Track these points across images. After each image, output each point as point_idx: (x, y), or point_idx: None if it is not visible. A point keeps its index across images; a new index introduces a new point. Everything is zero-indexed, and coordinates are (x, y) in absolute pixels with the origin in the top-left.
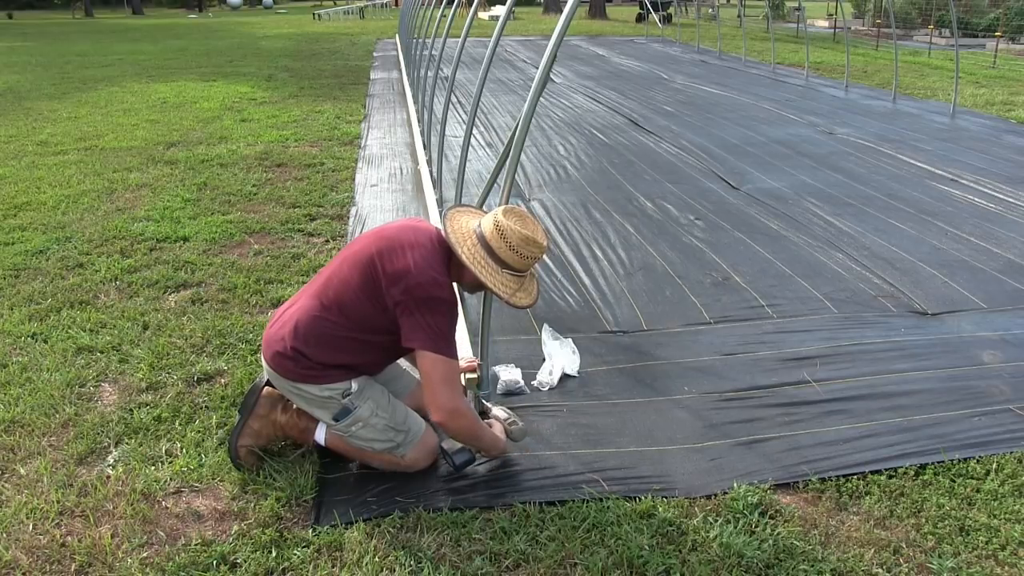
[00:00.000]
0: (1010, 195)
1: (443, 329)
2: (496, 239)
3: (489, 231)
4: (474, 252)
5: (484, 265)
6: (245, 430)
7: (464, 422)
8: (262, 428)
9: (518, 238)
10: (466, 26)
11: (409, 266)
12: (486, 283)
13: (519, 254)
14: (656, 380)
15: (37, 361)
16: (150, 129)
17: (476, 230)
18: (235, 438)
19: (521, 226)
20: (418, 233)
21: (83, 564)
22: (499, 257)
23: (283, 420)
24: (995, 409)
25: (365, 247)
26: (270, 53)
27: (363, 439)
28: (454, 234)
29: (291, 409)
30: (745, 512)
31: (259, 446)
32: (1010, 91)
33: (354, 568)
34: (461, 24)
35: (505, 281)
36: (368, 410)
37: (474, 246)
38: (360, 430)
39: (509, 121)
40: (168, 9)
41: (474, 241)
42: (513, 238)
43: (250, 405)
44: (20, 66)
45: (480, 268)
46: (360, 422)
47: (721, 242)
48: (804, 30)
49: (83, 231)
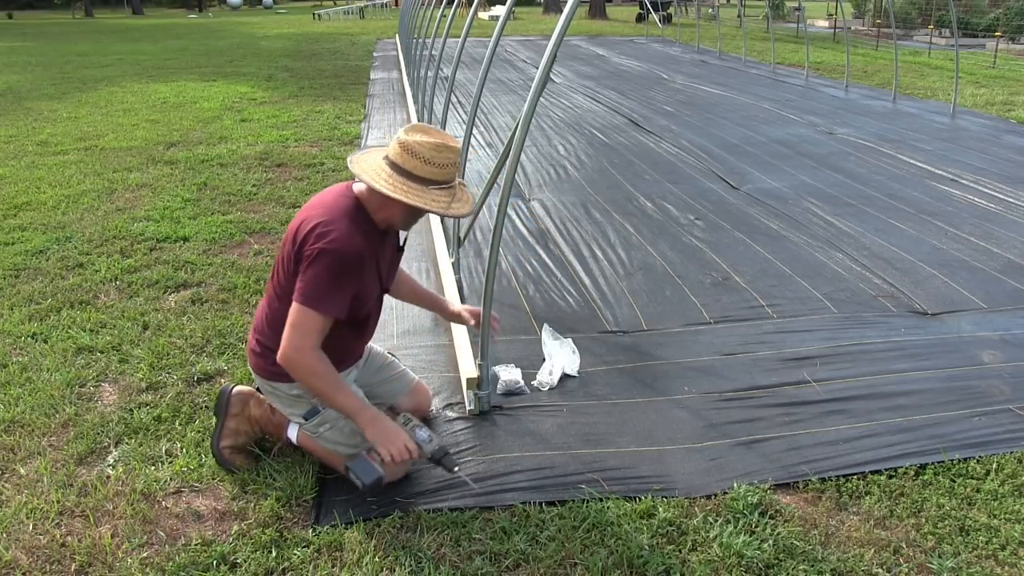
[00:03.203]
0: (1010, 195)
1: (320, 281)
2: (408, 159)
3: (398, 154)
4: (392, 181)
5: (407, 189)
6: (223, 432)
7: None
8: (239, 426)
9: (429, 149)
10: (466, 26)
11: (309, 223)
12: (417, 205)
13: (436, 164)
14: (656, 380)
15: (37, 361)
16: (150, 129)
17: (385, 160)
18: (216, 441)
19: (427, 137)
20: (330, 191)
21: (83, 564)
22: (418, 176)
23: (257, 414)
24: (995, 409)
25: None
26: (270, 53)
27: (330, 441)
28: (365, 173)
29: (263, 404)
30: (745, 512)
31: (241, 445)
32: (1010, 91)
33: (354, 568)
34: (461, 24)
35: (435, 197)
36: (334, 412)
37: (390, 176)
38: (327, 431)
39: (509, 121)
40: (168, 9)
41: (388, 171)
42: (424, 151)
43: (223, 406)
44: (20, 66)
45: (404, 193)
46: (328, 423)
47: (721, 242)
48: (804, 30)
49: (83, 231)
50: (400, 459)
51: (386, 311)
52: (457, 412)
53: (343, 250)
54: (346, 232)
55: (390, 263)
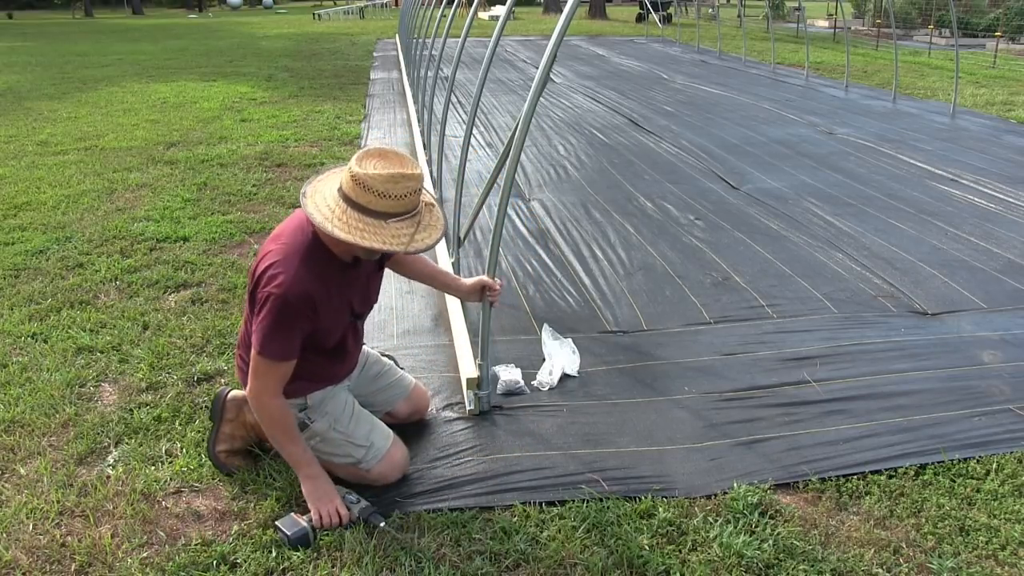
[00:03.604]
0: (1010, 195)
1: (267, 327)
2: (362, 193)
3: (351, 188)
4: (346, 219)
5: (363, 228)
6: (219, 436)
7: (263, 414)
8: (234, 431)
9: (382, 181)
10: (466, 26)
11: (263, 264)
12: (373, 247)
13: (392, 197)
14: (656, 380)
15: (37, 361)
16: (150, 129)
17: (339, 192)
18: (212, 445)
19: (384, 166)
20: (292, 220)
21: (83, 564)
22: (374, 211)
23: (252, 420)
24: (995, 409)
25: None
26: (270, 53)
27: (323, 453)
28: (318, 211)
29: None
30: (745, 512)
31: (237, 449)
32: (1010, 91)
33: (354, 568)
34: (461, 24)
35: (395, 233)
36: (325, 424)
37: (344, 212)
38: (319, 444)
39: (509, 121)
40: (168, 9)
41: (343, 207)
42: (377, 184)
43: (218, 411)
44: (20, 66)
45: (361, 235)
46: (317, 436)
47: (721, 242)
48: (804, 30)
49: (83, 231)
50: (328, 523)
51: (386, 311)
52: (457, 412)
53: (289, 295)
54: (294, 275)
55: (366, 285)
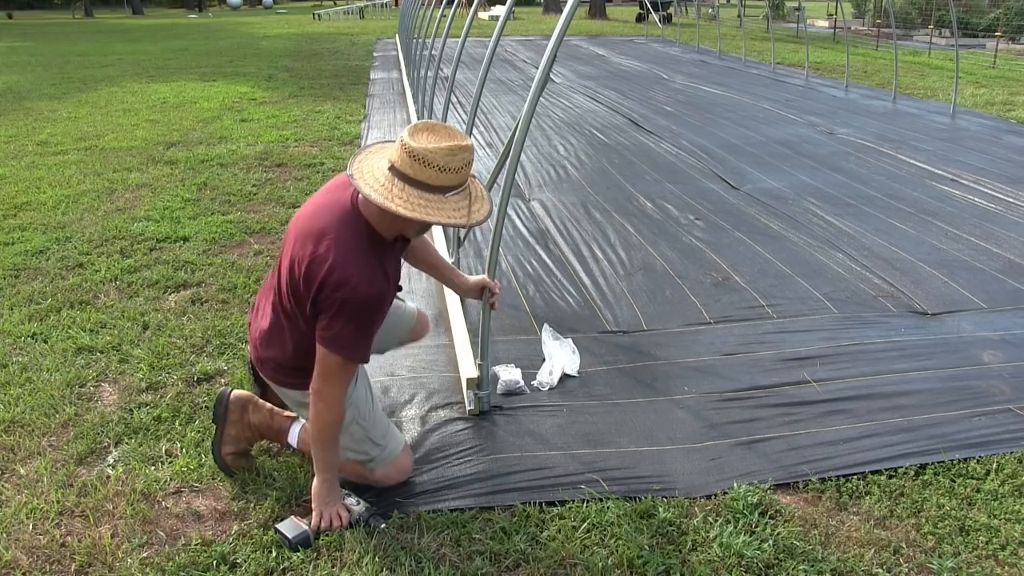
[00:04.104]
0: (1010, 195)
1: (348, 331)
2: (420, 168)
3: (407, 164)
4: (405, 196)
5: (424, 204)
6: (224, 438)
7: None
8: (239, 432)
9: (443, 156)
10: (466, 26)
11: (319, 271)
12: (440, 222)
13: (452, 170)
14: (656, 380)
15: (37, 361)
16: (150, 129)
17: (392, 171)
18: (217, 448)
19: (437, 139)
20: (333, 212)
21: (83, 564)
22: (433, 186)
23: (256, 420)
24: (995, 409)
25: (290, 247)
26: (270, 53)
27: (341, 447)
28: (374, 191)
29: (262, 408)
30: (745, 512)
31: (242, 450)
32: (1010, 91)
33: (354, 568)
34: (461, 24)
35: (455, 207)
36: (349, 416)
37: (402, 190)
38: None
39: (509, 121)
40: (168, 9)
41: (400, 185)
42: (438, 159)
43: (221, 414)
44: (20, 66)
45: (424, 211)
46: None
47: (721, 242)
48: (804, 30)
49: (83, 231)
50: (328, 526)
51: None
52: (457, 412)
53: (367, 297)
54: (364, 275)
55: (398, 261)
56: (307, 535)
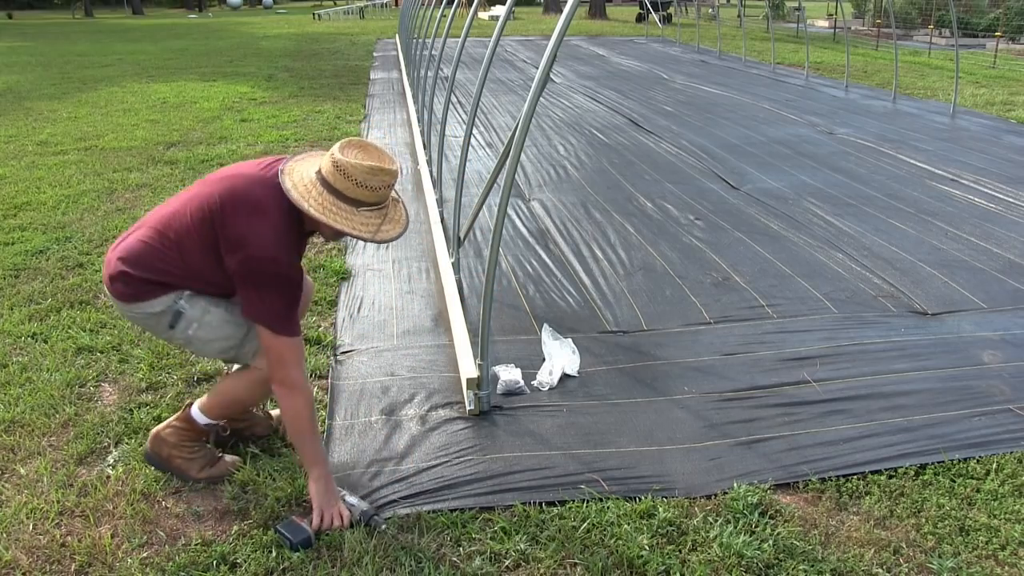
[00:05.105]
0: (1010, 195)
1: (277, 307)
2: (340, 180)
3: (330, 172)
4: (322, 201)
5: (336, 212)
6: (181, 467)
7: (292, 400)
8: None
9: (362, 172)
10: (466, 26)
11: (248, 236)
12: (343, 229)
13: (368, 187)
14: (656, 380)
15: (37, 361)
16: (150, 129)
17: (317, 175)
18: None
19: (363, 157)
20: (266, 191)
21: (83, 564)
22: (349, 198)
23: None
24: (995, 409)
25: (210, 196)
26: (270, 53)
27: (203, 341)
28: (295, 189)
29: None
30: (745, 512)
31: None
32: (1010, 91)
33: (354, 568)
34: (461, 24)
35: (364, 221)
36: (200, 309)
37: (320, 194)
38: (197, 331)
39: (509, 121)
40: (168, 9)
41: (319, 189)
42: (357, 174)
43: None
44: (20, 66)
45: (332, 217)
46: (195, 322)
47: (721, 242)
48: (804, 30)
49: (83, 231)
50: (329, 525)
51: (386, 311)
52: (457, 412)
53: (292, 278)
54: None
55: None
56: (308, 536)
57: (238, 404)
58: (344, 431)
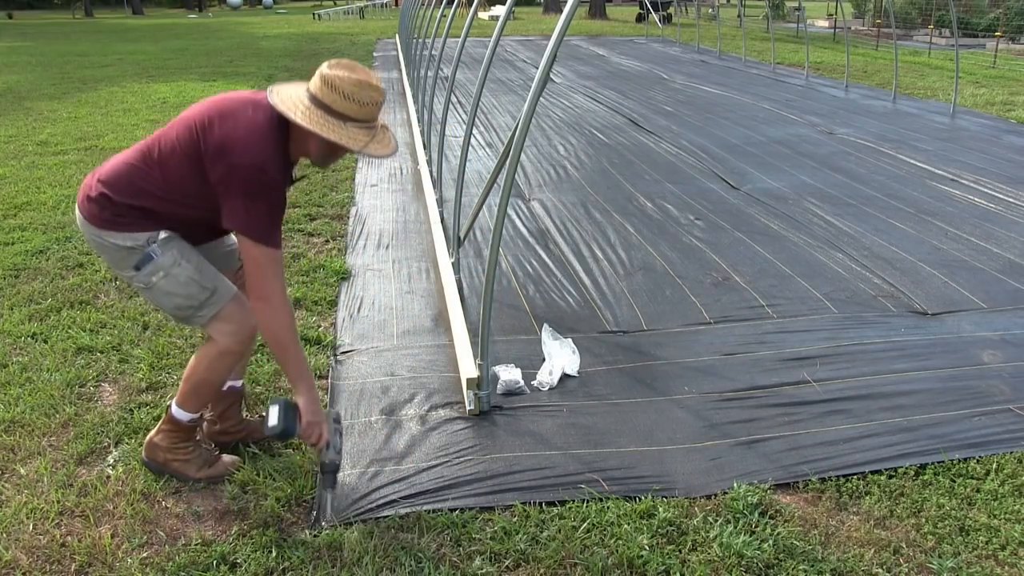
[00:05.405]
0: (1010, 195)
1: (262, 216)
2: (328, 93)
3: (318, 88)
4: (309, 113)
5: (323, 123)
6: (184, 469)
7: (272, 313)
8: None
9: (350, 85)
10: (466, 26)
11: (234, 142)
12: (332, 139)
13: (356, 101)
14: (656, 380)
15: (37, 361)
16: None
17: (306, 92)
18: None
19: (350, 73)
20: (256, 110)
21: (83, 564)
22: (336, 111)
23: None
24: (995, 409)
25: (199, 113)
26: (270, 53)
27: (163, 292)
28: (283, 103)
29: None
30: (745, 512)
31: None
32: (1010, 91)
33: (354, 568)
34: (461, 24)
35: (352, 135)
36: (171, 259)
37: (308, 108)
38: (161, 280)
39: (509, 121)
40: (168, 9)
41: (307, 104)
42: (345, 86)
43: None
44: (20, 66)
45: (320, 127)
46: (162, 271)
47: (721, 242)
48: (804, 30)
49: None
50: (306, 436)
51: (386, 311)
52: (457, 412)
53: (277, 187)
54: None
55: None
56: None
57: (206, 385)
58: (344, 431)
